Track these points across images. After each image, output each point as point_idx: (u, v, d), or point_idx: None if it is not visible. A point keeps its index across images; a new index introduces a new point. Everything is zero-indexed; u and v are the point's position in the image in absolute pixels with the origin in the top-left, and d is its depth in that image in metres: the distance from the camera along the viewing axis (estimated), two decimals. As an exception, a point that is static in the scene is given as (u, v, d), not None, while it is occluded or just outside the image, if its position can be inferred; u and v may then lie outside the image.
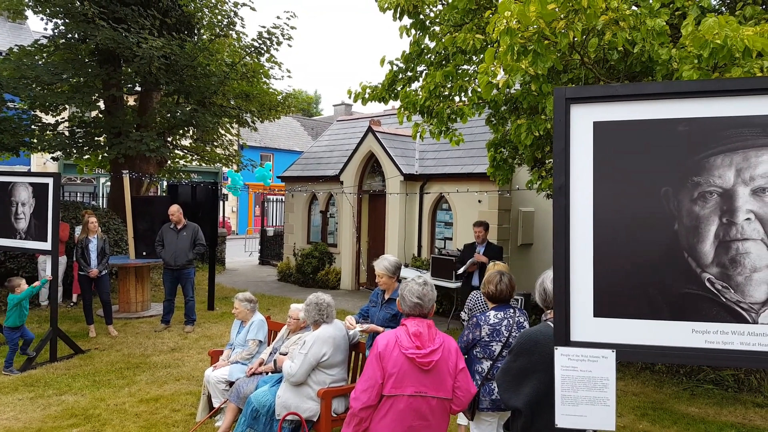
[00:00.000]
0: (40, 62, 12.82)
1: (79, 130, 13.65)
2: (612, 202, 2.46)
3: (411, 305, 3.43)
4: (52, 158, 14.03)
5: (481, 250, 8.76)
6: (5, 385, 6.72)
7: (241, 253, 22.46)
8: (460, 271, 9.05)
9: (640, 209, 2.42)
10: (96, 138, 13.69)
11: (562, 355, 2.49)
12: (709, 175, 2.34)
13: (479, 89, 6.60)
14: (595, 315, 2.48)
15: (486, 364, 4.16)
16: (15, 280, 7.54)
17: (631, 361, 7.52)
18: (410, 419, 3.25)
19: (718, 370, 7.16)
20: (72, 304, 11.35)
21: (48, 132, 13.07)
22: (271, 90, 15.38)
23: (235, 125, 16.60)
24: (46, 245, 7.67)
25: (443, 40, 7.05)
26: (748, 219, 2.30)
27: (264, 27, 13.60)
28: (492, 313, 4.22)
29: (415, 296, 3.42)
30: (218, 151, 16.84)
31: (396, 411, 3.24)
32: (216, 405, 5.65)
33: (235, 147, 18.42)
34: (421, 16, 7.62)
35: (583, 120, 2.50)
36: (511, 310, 4.24)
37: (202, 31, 14.48)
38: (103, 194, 24.33)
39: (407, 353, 3.25)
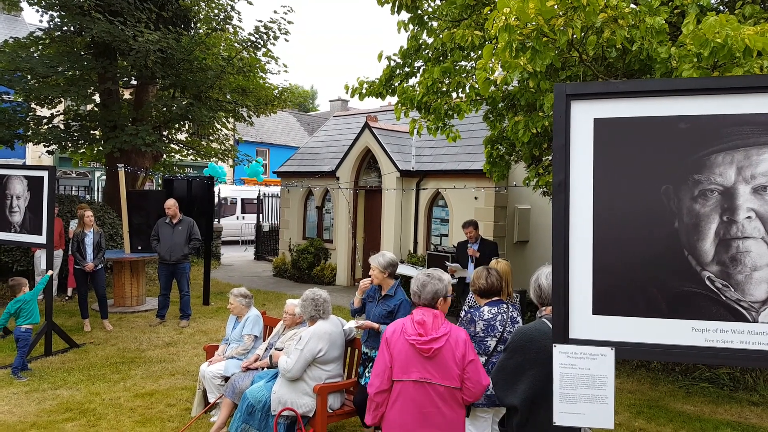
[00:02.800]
0: (35, 54, 12.75)
1: (74, 123, 13.57)
2: (612, 199, 2.44)
3: (412, 293, 3.61)
4: (47, 151, 13.96)
5: (475, 247, 8.76)
6: (0, 379, 6.70)
7: (236, 248, 22.41)
8: (455, 271, 9.05)
9: (640, 207, 2.41)
10: (91, 131, 13.62)
11: (560, 352, 2.48)
12: (709, 173, 2.33)
13: (477, 85, 6.59)
14: (594, 312, 2.47)
15: (481, 360, 4.16)
16: (19, 280, 7.15)
17: (627, 359, 7.53)
18: (420, 405, 3.34)
19: (713, 368, 7.18)
20: (67, 298, 11.30)
21: (43, 125, 12.99)
22: (267, 84, 15.32)
23: (231, 120, 16.54)
24: (41, 239, 7.62)
25: (441, 36, 7.03)
26: (748, 217, 2.29)
27: (261, 21, 13.55)
28: (486, 308, 4.22)
29: (416, 285, 3.58)
30: (214, 145, 16.78)
31: (405, 396, 3.37)
32: (211, 400, 5.63)
33: (231, 142, 18.35)
34: (419, 11, 7.59)
35: (584, 116, 2.48)
36: (505, 305, 4.24)
37: (198, 24, 14.41)
38: (98, 188, 24.24)
39: (409, 339, 3.37)
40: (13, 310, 6.92)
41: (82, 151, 14.40)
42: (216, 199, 17.73)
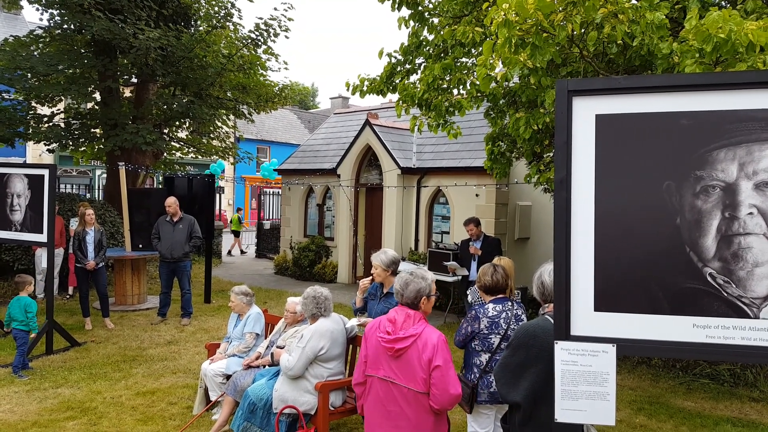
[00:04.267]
0: (35, 53, 12.73)
1: (74, 121, 13.57)
2: (614, 195, 2.44)
3: (395, 292, 3.57)
4: (48, 150, 13.96)
5: (478, 244, 8.76)
6: (1, 378, 6.69)
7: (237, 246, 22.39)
8: (454, 270, 9.07)
9: (642, 203, 2.40)
10: (92, 130, 13.61)
11: (562, 349, 2.48)
12: (711, 169, 2.32)
13: (478, 82, 6.57)
14: (596, 309, 2.46)
15: (484, 357, 4.16)
16: (25, 278, 7.19)
17: (628, 356, 7.53)
18: (386, 403, 3.37)
19: (714, 364, 7.18)
20: (68, 296, 11.31)
21: (44, 123, 12.99)
22: (267, 82, 15.31)
23: (231, 117, 16.52)
24: (42, 237, 7.62)
25: (442, 33, 7.00)
26: (750, 213, 2.28)
27: (261, 18, 13.54)
28: (491, 305, 4.22)
29: (399, 284, 3.54)
30: (215, 143, 16.77)
31: (374, 392, 3.43)
32: (213, 398, 5.64)
33: (232, 139, 18.33)
34: (420, 8, 7.57)
35: (586, 113, 2.48)
36: (510, 303, 4.25)
37: (198, 22, 14.39)
38: (99, 186, 24.25)
39: (377, 336, 3.43)
40: (13, 314, 6.90)
41: (82, 149, 14.39)
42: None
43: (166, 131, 14.67)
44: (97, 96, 13.65)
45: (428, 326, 3.43)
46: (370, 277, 5.01)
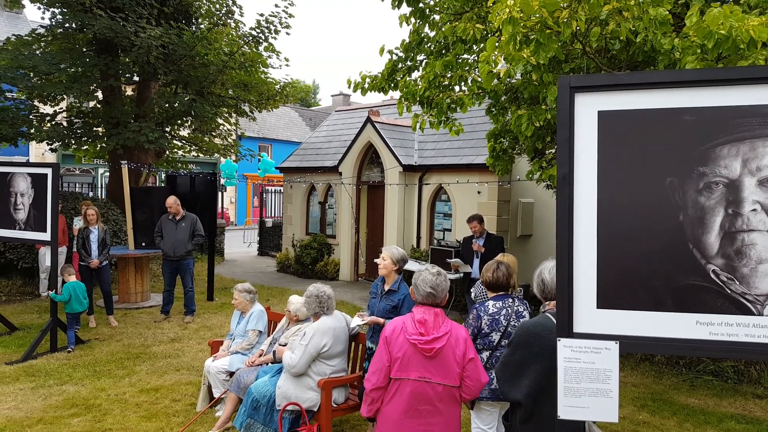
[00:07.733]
0: (37, 52, 12.74)
1: (77, 120, 13.58)
2: (616, 192, 2.43)
3: (424, 294, 3.50)
4: (51, 149, 13.97)
5: (481, 242, 8.74)
6: (6, 375, 6.72)
7: (239, 244, 22.44)
8: (457, 267, 9.06)
9: (644, 200, 2.40)
10: (94, 128, 13.63)
11: (564, 346, 2.48)
12: (715, 165, 2.32)
13: (479, 79, 6.56)
14: (599, 306, 2.46)
15: (485, 354, 4.17)
16: (69, 267, 8.37)
17: (631, 352, 7.52)
18: (417, 403, 3.34)
19: (717, 361, 7.17)
20: (71, 294, 11.32)
21: (46, 122, 13.00)
22: (269, 79, 15.30)
23: (233, 115, 16.54)
24: (46, 236, 7.64)
25: (443, 30, 7.00)
26: (754, 210, 2.28)
27: (262, 15, 13.53)
28: (491, 303, 4.23)
29: (429, 286, 3.49)
30: (216, 141, 16.77)
31: (403, 394, 3.36)
32: (216, 395, 5.65)
33: (234, 137, 18.33)
34: (421, 4, 7.56)
35: (588, 109, 2.47)
36: (510, 300, 4.25)
37: (200, 20, 14.38)
38: (101, 185, 24.27)
39: (410, 339, 3.35)
40: (80, 299, 8.05)
41: (85, 148, 14.41)
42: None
43: (168, 129, 14.67)
44: (99, 95, 13.65)
45: (452, 321, 3.47)
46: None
